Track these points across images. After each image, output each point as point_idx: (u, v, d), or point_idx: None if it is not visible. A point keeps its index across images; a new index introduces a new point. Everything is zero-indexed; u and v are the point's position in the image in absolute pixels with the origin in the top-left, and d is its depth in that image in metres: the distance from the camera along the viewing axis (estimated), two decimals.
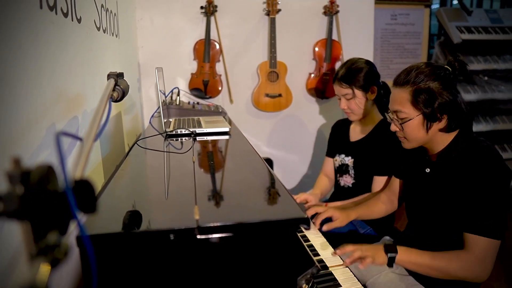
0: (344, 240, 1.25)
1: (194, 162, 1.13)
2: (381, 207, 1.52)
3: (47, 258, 0.35)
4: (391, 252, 1.14)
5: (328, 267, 1.14)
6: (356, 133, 1.80)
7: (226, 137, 1.55)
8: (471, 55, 3.63)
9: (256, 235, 0.71)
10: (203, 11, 2.41)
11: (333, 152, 1.88)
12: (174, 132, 1.53)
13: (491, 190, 1.08)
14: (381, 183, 1.64)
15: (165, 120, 1.63)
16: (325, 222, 1.43)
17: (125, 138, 1.80)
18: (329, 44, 2.55)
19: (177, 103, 2.16)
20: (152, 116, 2.06)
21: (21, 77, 0.75)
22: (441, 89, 1.13)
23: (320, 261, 1.18)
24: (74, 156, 0.87)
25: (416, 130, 1.18)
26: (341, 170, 1.82)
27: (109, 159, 1.44)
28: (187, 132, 1.53)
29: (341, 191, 1.83)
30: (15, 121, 0.73)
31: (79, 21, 1.14)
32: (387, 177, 1.62)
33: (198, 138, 1.49)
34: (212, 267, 0.70)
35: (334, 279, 1.08)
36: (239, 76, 2.56)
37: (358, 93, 1.66)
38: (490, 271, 1.11)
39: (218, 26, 2.45)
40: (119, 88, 0.99)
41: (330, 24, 2.53)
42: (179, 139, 1.49)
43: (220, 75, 2.51)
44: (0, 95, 0.67)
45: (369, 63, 1.70)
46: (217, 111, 2.16)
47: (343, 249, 1.17)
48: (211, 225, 0.68)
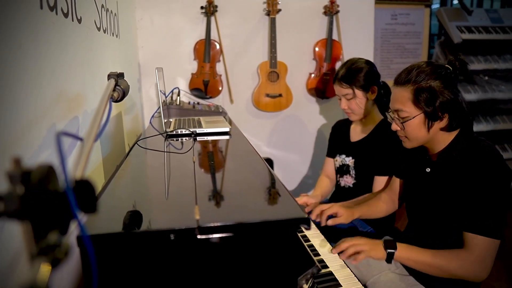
0: (344, 237, 1.24)
1: (195, 162, 1.13)
2: (383, 207, 1.52)
3: (48, 258, 0.35)
4: (390, 248, 1.14)
5: (329, 267, 1.15)
6: (357, 133, 1.80)
7: (227, 137, 1.55)
8: (472, 55, 3.62)
9: (257, 235, 0.71)
10: (203, 11, 2.41)
11: (334, 153, 1.88)
12: (175, 132, 1.53)
13: (492, 190, 1.08)
14: (382, 183, 1.64)
15: (166, 120, 1.63)
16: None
17: (126, 138, 1.80)
18: (329, 44, 2.55)
19: (178, 103, 2.16)
20: (153, 116, 2.06)
21: (21, 77, 0.75)
22: (443, 88, 1.13)
23: (321, 261, 1.18)
24: (75, 156, 0.87)
25: (417, 129, 1.18)
26: (342, 171, 1.82)
27: (110, 159, 1.45)
28: (188, 132, 1.53)
29: (342, 192, 1.83)
30: (16, 121, 0.73)
31: (80, 21, 1.14)
32: (388, 177, 1.62)
33: (199, 138, 1.49)
34: (213, 267, 0.70)
35: (335, 279, 1.08)
36: (240, 76, 2.56)
37: (359, 93, 1.66)
38: (490, 271, 1.11)
39: (218, 26, 2.45)
40: (120, 88, 0.99)
41: (330, 24, 2.53)
42: (180, 139, 1.49)
43: (221, 75, 2.51)
44: (0, 95, 0.67)
45: (369, 63, 1.70)
46: (218, 111, 2.16)
47: (339, 247, 1.17)
48: (212, 225, 0.68)
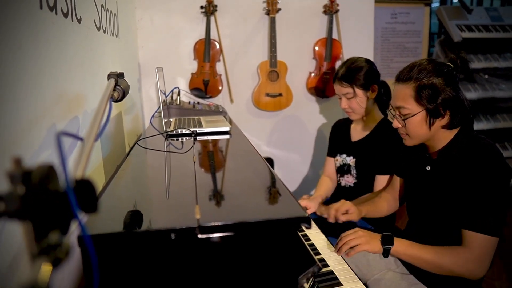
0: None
1: (195, 162, 1.13)
2: (386, 205, 1.52)
3: (49, 258, 0.35)
4: (387, 243, 1.16)
5: (329, 266, 1.15)
6: (357, 133, 1.80)
7: (227, 137, 1.55)
8: (472, 53, 3.62)
9: (257, 234, 0.71)
10: (203, 11, 2.41)
11: (334, 152, 1.88)
12: (175, 132, 1.53)
13: (491, 188, 1.08)
14: (383, 182, 1.64)
15: (166, 120, 1.63)
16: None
17: (126, 138, 1.80)
18: (329, 43, 2.55)
19: (178, 103, 2.16)
20: (153, 116, 2.06)
21: (21, 77, 0.75)
22: (444, 85, 1.13)
23: (321, 260, 1.18)
24: (75, 156, 0.87)
25: (419, 127, 1.18)
26: (342, 170, 1.82)
27: (110, 159, 1.45)
28: (188, 132, 1.53)
29: (342, 191, 1.83)
30: (16, 121, 0.73)
31: (79, 21, 1.14)
32: (389, 176, 1.62)
33: (199, 138, 1.49)
34: (214, 267, 0.70)
35: (335, 278, 1.08)
36: (240, 76, 2.56)
37: (359, 92, 1.66)
38: (487, 268, 1.11)
39: (218, 26, 2.45)
40: (120, 88, 0.99)
41: (330, 23, 2.53)
42: (180, 139, 1.49)
43: (221, 75, 2.51)
44: (0, 95, 0.67)
45: (369, 62, 1.70)
46: (218, 111, 2.16)
47: (337, 245, 1.20)
48: (212, 225, 0.68)
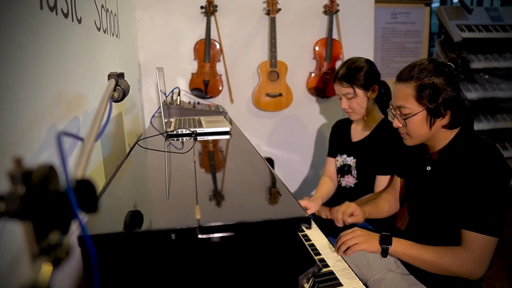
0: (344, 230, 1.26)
1: (195, 162, 1.13)
2: (387, 206, 1.52)
3: (49, 258, 0.35)
4: (386, 243, 1.16)
5: (330, 266, 1.15)
6: (358, 133, 1.79)
7: (227, 137, 1.55)
8: (472, 54, 3.62)
9: (258, 235, 0.71)
10: (203, 11, 2.41)
11: (335, 152, 1.87)
12: (175, 132, 1.53)
13: (491, 188, 1.08)
14: (384, 183, 1.64)
15: (166, 120, 1.63)
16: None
17: (126, 138, 1.80)
18: (330, 43, 2.55)
19: (178, 103, 2.16)
20: (153, 116, 2.06)
21: (21, 77, 0.75)
22: (445, 85, 1.13)
23: (322, 260, 1.18)
24: (75, 156, 0.87)
25: (420, 126, 1.18)
26: (343, 171, 1.82)
27: (110, 159, 1.45)
28: (188, 132, 1.54)
29: (343, 192, 1.83)
30: (16, 121, 0.73)
31: (80, 22, 1.14)
32: (390, 176, 1.62)
33: (199, 138, 1.49)
34: (214, 267, 0.70)
35: (336, 278, 1.08)
36: (240, 76, 2.56)
37: (359, 92, 1.66)
38: (486, 268, 1.11)
39: (218, 26, 2.45)
40: (120, 88, 0.99)
41: (331, 23, 2.53)
42: (180, 139, 1.49)
43: (221, 75, 2.51)
44: (0, 95, 0.68)
45: (369, 62, 1.69)
46: (218, 111, 2.16)
47: (336, 245, 1.21)
48: (213, 225, 0.68)
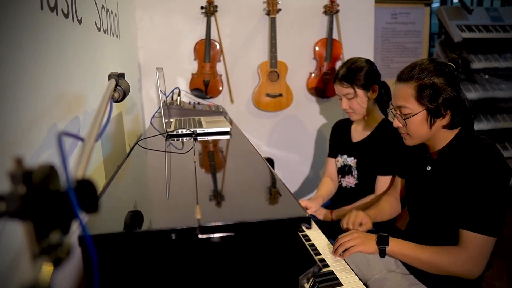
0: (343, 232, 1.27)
1: (195, 162, 1.13)
2: (389, 208, 1.52)
3: (50, 258, 0.35)
4: (382, 244, 1.16)
5: (330, 266, 1.15)
6: (358, 133, 1.79)
7: (227, 137, 1.55)
8: (472, 54, 3.62)
9: (258, 235, 0.71)
10: (203, 11, 2.41)
11: (335, 153, 1.87)
12: (175, 132, 1.53)
13: (491, 188, 1.08)
14: (385, 183, 1.64)
15: (166, 120, 1.63)
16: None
17: (126, 139, 1.80)
18: (330, 44, 2.55)
19: (178, 103, 2.16)
20: (153, 117, 2.06)
21: (22, 78, 0.75)
22: (446, 85, 1.13)
23: (322, 260, 1.18)
24: (76, 156, 0.87)
25: (420, 126, 1.18)
26: (343, 171, 1.81)
27: (110, 160, 1.45)
28: (188, 132, 1.54)
29: (343, 192, 1.83)
30: (16, 121, 0.73)
31: (80, 22, 1.14)
32: (391, 177, 1.62)
33: (199, 138, 1.50)
34: (214, 267, 0.70)
35: (336, 278, 1.08)
36: (240, 76, 2.56)
37: (360, 92, 1.66)
38: (483, 268, 1.11)
39: (219, 26, 2.45)
40: (120, 89, 1.00)
41: (331, 24, 2.53)
42: (180, 139, 1.49)
43: (221, 75, 2.51)
44: (0, 95, 0.68)
45: (369, 62, 1.69)
46: (218, 111, 2.16)
47: (334, 247, 1.21)
48: (213, 225, 0.68)
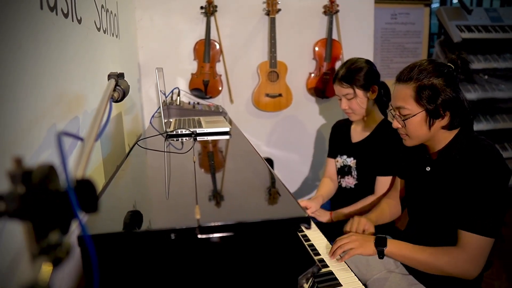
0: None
1: (195, 162, 1.13)
2: (389, 210, 1.51)
3: (49, 258, 0.35)
4: (380, 245, 1.17)
5: (329, 266, 1.15)
6: (358, 134, 1.79)
7: (227, 137, 1.55)
8: (471, 54, 3.62)
9: (257, 235, 0.71)
10: (203, 11, 2.41)
11: (335, 153, 1.87)
12: (175, 132, 1.53)
13: (490, 189, 1.08)
14: (384, 184, 1.64)
15: (166, 120, 1.63)
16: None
17: (126, 138, 1.80)
18: (329, 44, 2.55)
19: (178, 103, 2.16)
20: (153, 117, 2.06)
21: (22, 77, 0.75)
22: (445, 86, 1.13)
23: (321, 260, 1.18)
24: (75, 156, 0.87)
25: (419, 127, 1.18)
26: (343, 171, 1.81)
27: (110, 159, 1.45)
28: (188, 132, 1.54)
29: (343, 193, 1.83)
30: (16, 121, 0.73)
31: (80, 22, 1.14)
32: (391, 177, 1.62)
33: (199, 138, 1.50)
34: (213, 267, 0.70)
35: (335, 278, 1.08)
36: (239, 76, 2.56)
37: (359, 93, 1.66)
38: (481, 269, 1.11)
39: (218, 26, 2.45)
40: (120, 89, 1.00)
41: (330, 24, 2.53)
42: (180, 139, 1.49)
43: (220, 75, 2.51)
44: (0, 95, 0.68)
45: (369, 63, 1.69)
46: (218, 111, 2.16)
47: (331, 249, 1.21)
48: (212, 225, 0.68)
